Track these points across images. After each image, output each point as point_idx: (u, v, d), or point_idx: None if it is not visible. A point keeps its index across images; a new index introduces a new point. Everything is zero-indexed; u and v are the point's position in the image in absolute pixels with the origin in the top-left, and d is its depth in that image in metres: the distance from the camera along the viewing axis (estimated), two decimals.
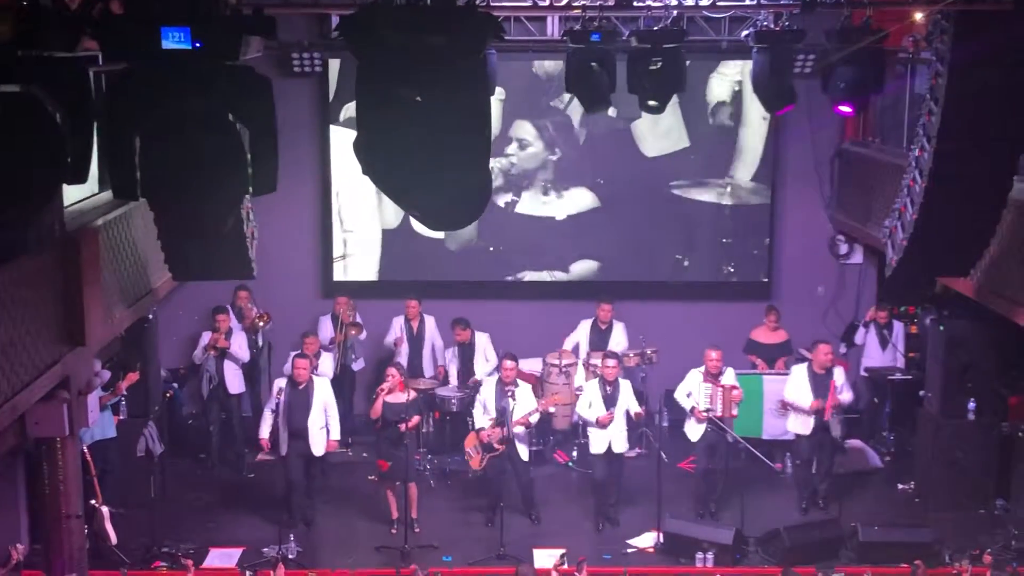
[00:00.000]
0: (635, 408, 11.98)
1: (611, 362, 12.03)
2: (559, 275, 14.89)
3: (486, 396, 11.96)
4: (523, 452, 11.91)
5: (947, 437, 12.33)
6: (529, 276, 14.90)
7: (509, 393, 11.73)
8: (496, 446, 11.66)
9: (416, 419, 11.87)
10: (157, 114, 5.28)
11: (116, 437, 11.78)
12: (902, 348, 13.97)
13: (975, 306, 11.04)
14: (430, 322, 14.03)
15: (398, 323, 13.94)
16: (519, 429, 11.75)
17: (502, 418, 11.66)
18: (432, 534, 11.70)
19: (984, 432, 12.30)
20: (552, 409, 12.62)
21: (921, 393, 12.98)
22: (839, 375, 12.16)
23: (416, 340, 13.91)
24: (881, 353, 13.93)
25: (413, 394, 12.00)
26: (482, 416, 11.90)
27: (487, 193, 5.59)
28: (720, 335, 13.00)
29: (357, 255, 14.83)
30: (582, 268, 14.89)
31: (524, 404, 11.77)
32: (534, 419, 11.87)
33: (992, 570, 9.19)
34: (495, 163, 14.34)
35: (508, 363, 11.95)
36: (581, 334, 13.93)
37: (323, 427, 11.72)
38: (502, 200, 14.56)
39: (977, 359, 12.23)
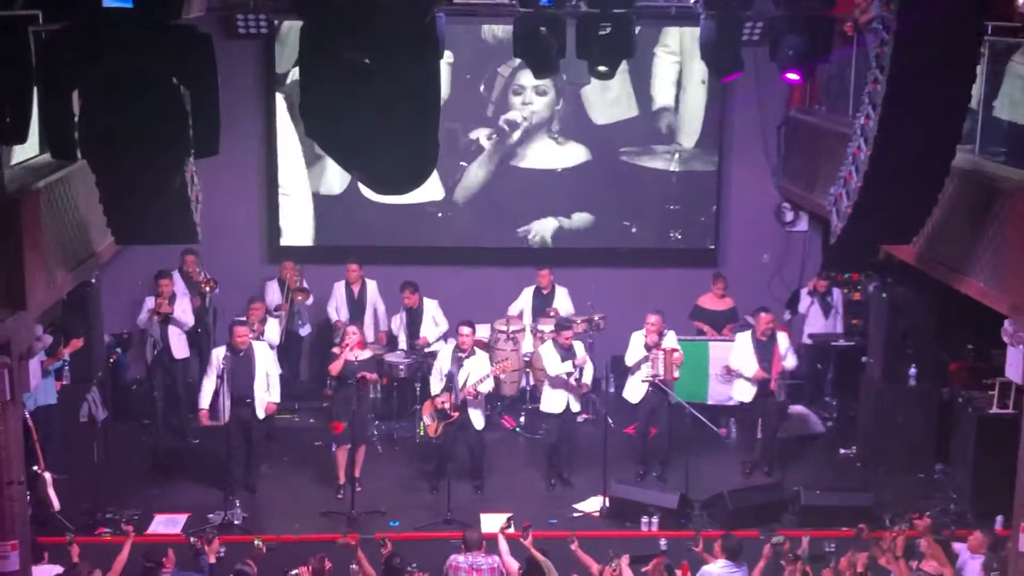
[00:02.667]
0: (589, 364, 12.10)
1: (566, 332, 12.11)
2: (511, 239, 14.86)
3: (442, 363, 11.92)
4: (477, 420, 11.86)
5: (888, 402, 12.52)
6: (480, 241, 14.85)
7: (463, 359, 11.71)
8: (450, 413, 11.65)
9: (374, 375, 11.96)
10: (96, 74, 5.18)
11: (57, 404, 11.66)
12: (842, 315, 14.15)
13: (917, 273, 11.17)
14: (372, 286, 13.95)
15: (339, 288, 13.88)
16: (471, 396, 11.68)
17: (450, 384, 11.66)
18: (379, 499, 11.70)
19: (924, 398, 12.49)
20: (502, 376, 12.62)
21: (863, 359, 13.15)
22: (783, 341, 12.29)
23: (357, 305, 13.83)
24: (824, 320, 14.11)
25: (370, 352, 12.03)
26: (438, 383, 11.88)
27: (434, 156, 5.56)
28: (667, 301, 13.06)
29: (298, 220, 14.73)
30: (534, 232, 14.87)
31: (477, 372, 11.73)
32: (484, 387, 11.75)
33: (930, 533, 9.35)
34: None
35: (464, 329, 11.89)
36: (524, 301, 13.97)
37: (267, 389, 11.69)
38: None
39: (918, 326, 12.42)
